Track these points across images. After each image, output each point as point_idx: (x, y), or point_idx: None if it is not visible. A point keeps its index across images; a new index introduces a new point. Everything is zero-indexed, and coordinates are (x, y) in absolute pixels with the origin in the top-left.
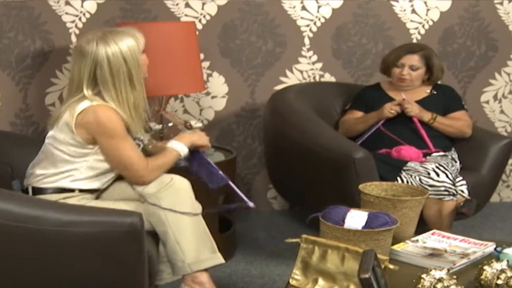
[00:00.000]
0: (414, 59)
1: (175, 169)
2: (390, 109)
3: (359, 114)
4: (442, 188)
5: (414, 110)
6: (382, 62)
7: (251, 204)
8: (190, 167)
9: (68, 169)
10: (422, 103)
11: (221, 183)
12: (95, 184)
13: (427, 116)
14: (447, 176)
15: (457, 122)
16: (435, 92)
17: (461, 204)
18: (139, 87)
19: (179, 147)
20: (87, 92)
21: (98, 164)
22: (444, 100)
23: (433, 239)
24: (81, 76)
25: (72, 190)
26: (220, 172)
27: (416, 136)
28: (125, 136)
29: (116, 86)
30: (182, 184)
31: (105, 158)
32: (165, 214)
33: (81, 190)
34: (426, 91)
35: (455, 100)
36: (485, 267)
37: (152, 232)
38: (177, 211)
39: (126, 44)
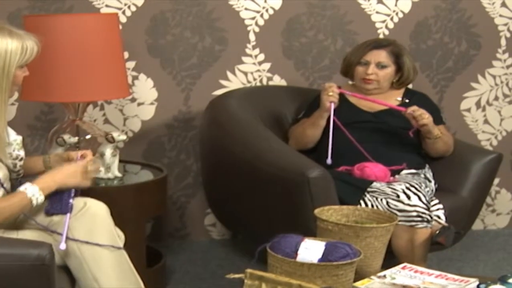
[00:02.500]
0: (381, 55)
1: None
2: (328, 95)
3: None
4: (414, 213)
5: (428, 117)
6: (343, 62)
7: (62, 246)
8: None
9: None
10: (391, 113)
11: (59, 212)
12: None
13: (436, 129)
14: (419, 198)
15: (449, 139)
16: (407, 101)
17: (437, 232)
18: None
19: (31, 191)
20: None
21: None
22: None
23: (403, 274)
24: None
25: None
26: (71, 201)
27: (384, 150)
28: None
29: None
30: (98, 210)
31: None
32: (78, 246)
33: None
34: (396, 98)
35: (433, 111)
36: None
37: (65, 267)
38: (93, 243)
39: (3, 44)
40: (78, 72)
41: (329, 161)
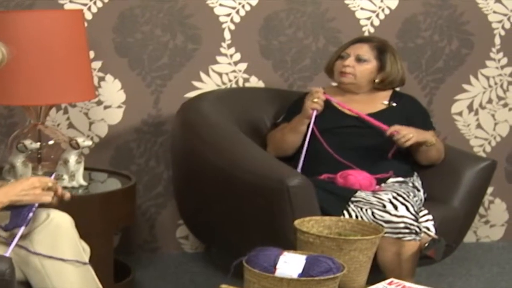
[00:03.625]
0: (362, 48)
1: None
2: (312, 101)
3: None
4: (402, 225)
5: (413, 136)
6: (330, 58)
7: (6, 254)
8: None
9: None
10: (377, 117)
11: (15, 226)
12: None
13: (427, 136)
14: (407, 209)
15: (440, 145)
16: (394, 104)
17: (426, 245)
18: None
19: None
20: None
21: None
22: (407, 115)
23: None
24: None
25: None
26: (30, 215)
27: (369, 156)
28: None
29: None
30: (62, 222)
31: None
32: (40, 261)
33: None
34: (382, 101)
35: (422, 116)
36: None
37: (27, 283)
38: (57, 257)
39: None
40: (40, 73)
41: (298, 168)
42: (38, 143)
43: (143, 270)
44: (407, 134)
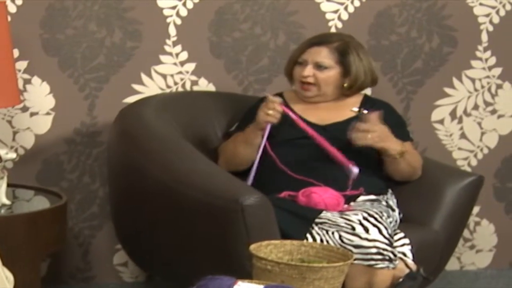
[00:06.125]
0: (320, 54)
1: None
2: (267, 111)
3: None
4: (374, 250)
5: (370, 139)
6: (288, 61)
7: None
8: None
9: None
10: (345, 126)
11: None
12: None
13: (395, 146)
14: (380, 231)
15: (416, 159)
16: (365, 111)
17: (400, 280)
18: None
19: None
20: None
21: None
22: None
23: None
24: None
25: None
26: None
27: (336, 171)
28: None
29: None
30: None
31: None
32: None
33: None
34: (351, 108)
35: (397, 125)
36: None
37: None
38: None
39: None
40: None
41: (249, 182)
42: None
43: None
44: (366, 133)
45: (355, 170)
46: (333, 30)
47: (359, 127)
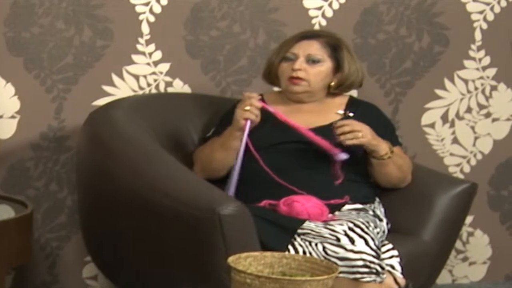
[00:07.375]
0: (312, 47)
1: None
2: (243, 109)
3: None
4: (360, 263)
5: (362, 137)
6: (266, 63)
7: None
8: None
9: None
10: (330, 131)
11: None
12: None
13: (384, 145)
14: (367, 243)
15: (406, 164)
16: (351, 114)
17: None
18: None
19: None
20: None
21: None
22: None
23: None
24: None
25: None
26: None
27: (319, 178)
28: None
29: None
30: None
31: None
32: None
33: None
34: (337, 111)
35: (385, 129)
36: None
37: None
38: None
39: None
40: None
41: (230, 192)
42: None
43: None
44: (357, 132)
45: (344, 156)
46: (316, 28)
47: (343, 125)
